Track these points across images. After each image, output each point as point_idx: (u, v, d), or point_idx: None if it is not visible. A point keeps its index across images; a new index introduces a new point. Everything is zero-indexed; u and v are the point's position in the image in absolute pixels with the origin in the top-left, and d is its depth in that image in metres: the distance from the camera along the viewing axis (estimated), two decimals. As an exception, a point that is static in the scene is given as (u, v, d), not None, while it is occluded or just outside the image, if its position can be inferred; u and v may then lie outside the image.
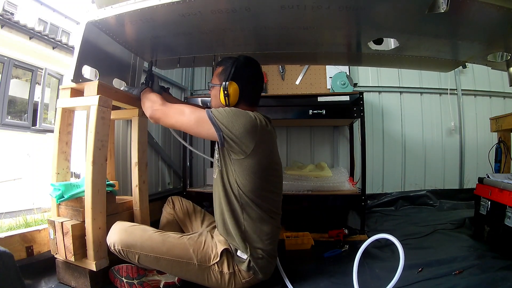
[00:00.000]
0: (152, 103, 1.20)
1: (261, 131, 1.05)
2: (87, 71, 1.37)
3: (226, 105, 1.14)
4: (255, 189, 1.07)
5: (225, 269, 1.06)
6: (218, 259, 1.05)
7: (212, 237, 1.14)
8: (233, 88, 1.12)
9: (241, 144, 1.03)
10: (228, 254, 1.07)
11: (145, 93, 1.30)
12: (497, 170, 1.90)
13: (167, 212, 1.47)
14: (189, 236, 1.10)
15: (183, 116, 1.10)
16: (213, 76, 1.21)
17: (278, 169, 1.17)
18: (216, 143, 1.11)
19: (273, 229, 1.12)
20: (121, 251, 1.03)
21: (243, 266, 1.06)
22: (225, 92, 1.12)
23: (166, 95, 1.42)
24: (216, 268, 1.05)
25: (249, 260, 1.06)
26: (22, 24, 4.73)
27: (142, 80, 1.45)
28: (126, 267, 1.12)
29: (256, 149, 1.03)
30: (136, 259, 1.03)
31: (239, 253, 1.07)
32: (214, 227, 1.25)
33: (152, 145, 2.08)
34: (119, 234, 1.04)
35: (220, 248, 1.07)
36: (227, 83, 1.12)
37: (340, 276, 1.23)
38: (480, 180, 1.65)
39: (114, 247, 1.04)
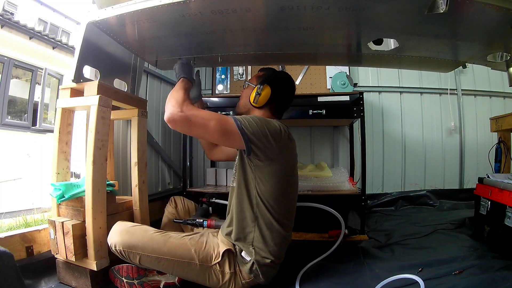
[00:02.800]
0: (174, 103, 1.01)
1: (285, 138, 1.07)
2: (88, 71, 1.37)
3: (253, 104, 1.19)
4: (274, 195, 1.07)
5: (226, 269, 1.06)
6: (219, 259, 1.05)
7: (214, 237, 1.14)
8: (266, 91, 1.18)
9: (267, 150, 1.03)
10: (230, 254, 1.08)
11: (178, 84, 1.14)
12: (497, 170, 1.90)
13: (169, 211, 1.48)
14: (190, 236, 1.10)
15: (209, 129, 0.99)
16: (252, 78, 1.28)
17: (296, 175, 1.20)
18: (239, 151, 1.11)
19: (283, 239, 1.11)
20: (122, 252, 1.03)
21: (245, 268, 1.07)
22: (258, 91, 1.17)
23: (199, 104, 1.41)
24: (218, 268, 1.05)
25: (253, 263, 1.06)
26: (22, 24, 4.74)
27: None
28: (126, 267, 1.13)
29: (280, 155, 1.06)
30: (137, 259, 1.03)
31: (243, 253, 1.08)
32: None
33: (152, 145, 2.09)
34: (120, 234, 1.04)
35: (222, 248, 1.07)
36: (263, 85, 1.18)
37: (341, 276, 1.23)
38: (480, 180, 1.65)
39: (115, 247, 1.04)
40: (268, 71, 1.26)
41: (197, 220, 1.29)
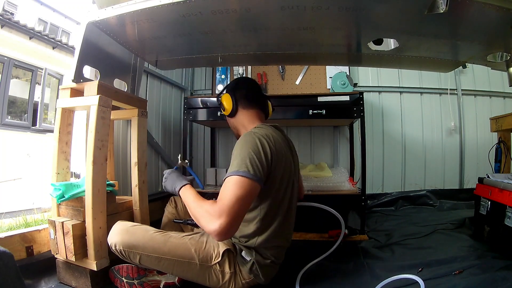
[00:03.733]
0: (204, 220, 0.92)
1: (271, 152, 1.00)
2: (88, 71, 1.37)
3: (230, 115, 1.21)
4: (273, 194, 1.05)
5: (226, 269, 1.06)
6: (219, 258, 1.05)
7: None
8: (226, 98, 1.20)
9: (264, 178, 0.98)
10: (230, 254, 1.08)
11: (184, 197, 1.04)
12: (497, 170, 1.90)
13: (169, 211, 1.48)
14: (190, 236, 1.10)
15: (245, 204, 0.92)
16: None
17: (293, 174, 1.16)
18: None
19: (283, 239, 1.11)
20: (123, 252, 1.03)
21: (245, 268, 1.07)
22: (221, 102, 1.21)
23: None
24: (218, 267, 1.05)
25: (253, 263, 1.06)
26: (22, 24, 4.73)
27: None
28: (126, 267, 1.13)
29: (272, 174, 1.01)
30: (138, 259, 1.03)
31: (243, 253, 1.08)
32: None
33: (152, 145, 2.09)
34: (121, 234, 1.04)
35: (222, 248, 1.07)
36: (220, 97, 1.22)
37: (341, 276, 1.23)
38: (480, 180, 1.65)
39: (115, 247, 1.04)
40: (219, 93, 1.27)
41: None
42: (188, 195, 1.02)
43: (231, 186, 0.91)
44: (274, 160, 1.01)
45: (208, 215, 0.90)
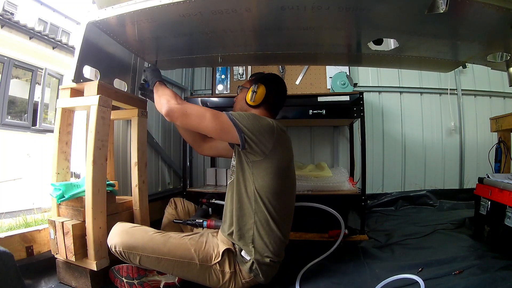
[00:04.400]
0: (168, 98, 1.10)
1: (278, 133, 1.09)
2: (88, 71, 1.37)
3: (250, 103, 1.22)
4: (272, 190, 1.07)
5: (226, 269, 1.06)
6: (219, 258, 1.05)
7: (214, 237, 1.14)
8: (262, 89, 1.22)
9: (261, 145, 1.05)
10: (230, 253, 1.08)
11: (158, 86, 1.20)
12: (497, 170, 1.90)
13: (168, 213, 1.48)
14: (190, 236, 1.10)
15: (205, 120, 1.06)
16: (245, 83, 1.31)
17: (293, 171, 1.21)
18: (235, 148, 1.14)
19: (281, 236, 1.11)
20: (122, 253, 1.03)
21: (245, 267, 1.07)
22: (254, 90, 1.21)
23: None
24: (218, 267, 1.05)
25: (252, 262, 1.06)
26: (22, 24, 4.73)
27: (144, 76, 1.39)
28: (126, 267, 1.13)
29: (275, 150, 1.07)
30: (138, 260, 1.03)
31: (243, 253, 1.08)
32: None
33: (152, 145, 2.09)
34: (120, 236, 1.04)
35: (222, 247, 1.07)
36: (257, 85, 1.22)
37: (341, 276, 1.23)
38: (480, 180, 1.65)
39: (115, 249, 1.04)
40: (260, 74, 1.31)
41: (196, 220, 1.29)
42: (162, 88, 1.19)
43: (210, 109, 1.08)
44: (275, 140, 1.07)
45: (174, 98, 1.09)
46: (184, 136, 1.53)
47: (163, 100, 1.10)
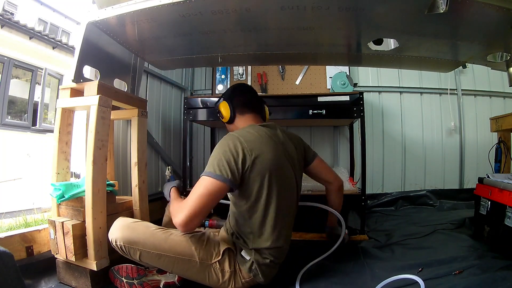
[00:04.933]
0: (175, 211, 1.03)
1: (243, 150, 1.02)
2: (88, 71, 1.37)
3: (228, 121, 1.24)
4: (262, 196, 1.05)
5: (226, 268, 1.06)
6: (220, 257, 1.05)
7: (215, 236, 1.14)
8: (223, 106, 1.24)
9: (238, 173, 1.01)
10: (230, 252, 1.08)
11: (171, 196, 1.21)
12: (497, 170, 1.90)
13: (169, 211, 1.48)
14: (191, 234, 1.10)
15: (206, 205, 0.99)
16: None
17: (287, 178, 1.14)
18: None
19: (282, 238, 1.10)
20: (123, 247, 1.03)
21: (245, 267, 1.07)
22: (219, 111, 1.25)
23: None
24: (218, 266, 1.05)
25: (252, 262, 1.06)
26: (22, 24, 4.73)
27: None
28: (126, 267, 1.13)
29: (252, 164, 1.02)
30: (138, 255, 1.03)
31: (243, 252, 1.08)
32: None
33: (152, 145, 2.09)
34: (122, 230, 1.04)
35: (223, 246, 1.07)
36: (218, 104, 1.26)
37: (341, 276, 1.23)
38: (480, 180, 1.65)
39: (116, 243, 1.03)
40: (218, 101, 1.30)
41: None
42: (172, 196, 1.20)
43: (197, 185, 1.01)
44: (250, 155, 1.02)
45: (175, 211, 1.02)
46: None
47: (173, 216, 1.02)
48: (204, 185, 0.99)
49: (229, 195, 1.13)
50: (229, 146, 1.03)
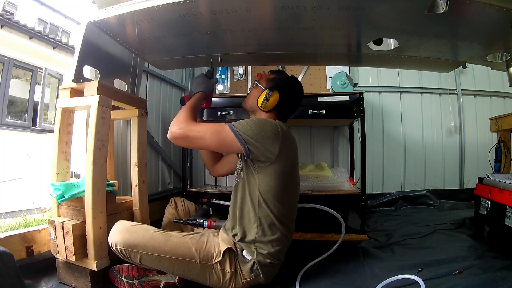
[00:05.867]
0: (175, 122, 1.08)
1: (283, 136, 1.07)
2: (88, 71, 1.37)
3: (260, 107, 1.21)
4: (276, 194, 1.08)
5: (227, 268, 1.06)
6: (220, 257, 1.05)
7: (215, 236, 1.14)
8: (274, 97, 1.20)
9: (266, 151, 1.04)
10: (231, 253, 1.08)
11: (192, 99, 1.23)
12: (497, 170, 1.90)
13: (169, 212, 1.48)
14: (191, 235, 1.10)
15: (206, 139, 1.05)
16: (262, 77, 1.29)
17: (297, 174, 1.21)
18: (240, 155, 1.13)
19: (284, 239, 1.12)
20: (123, 251, 1.03)
21: (246, 267, 1.07)
22: (267, 97, 1.19)
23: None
24: (218, 266, 1.05)
25: (254, 263, 1.06)
26: (22, 24, 4.74)
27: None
28: (126, 267, 1.13)
29: (281, 154, 1.06)
30: (138, 258, 1.03)
31: (244, 253, 1.08)
32: None
33: (152, 145, 2.09)
34: (121, 234, 1.04)
35: (223, 247, 1.07)
36: (272, 91, 1.20)
37: (341, 276, 1.23)
38: (480, 180, 1.65)
39: (116, 247, 1.04)
40: (280, 75, 1.27)
41: (197, 220, 1.29)
42: (191, 101, 1.21)
43: (213, 123, 1.08)
44: (281, 147, 1.05)
45: (179, 119, 1.07)
46: (202, 156, 1.54)
47: (172, 123, 1.08)
48: (217, 126, 1.05)
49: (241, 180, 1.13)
50: (267, 124, 1.07)
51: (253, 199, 1.08)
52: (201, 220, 1.28)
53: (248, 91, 1.32)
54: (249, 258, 1.07)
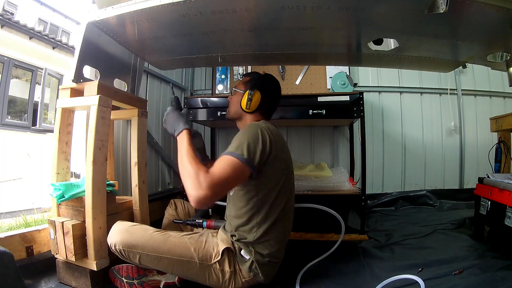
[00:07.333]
0: (192, 182, 0.93)
1: (270, 136, 1.05)
2: (88, 71, 1.37)
3: (245, 109, 1.20)
4: (272, 194, 1.07)
5: (226, 268, 1.06)
6: (219, 257, 1.05)
7: (213, 236, 1.14)
8: (257, 96, 1.20)
9: (262, 160, 1.02)
10: (229, 252, 1.08)
11: (180, 143, 1.05)
12: (497, 170, 1.90)
13: (169, 213, 1.48)
14: (190, 235, 1.10)
15: (230, 184, 0.99)
16: (238, 84, 1.28)
17: (291, 174, 1.21)
18: None
19: (282, 237, 1.12)
20: (122, 252, 1.03)
21: (245, 267, 1.07)
22: (249, 97, 1.19)
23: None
24: (217, 266, 1.05)
25: (252, 262, 1.06)
26: (22, 24, 4.73)
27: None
28: (126, 267, 1.13)
29: (274, 155, 1.05)
30: (137, 259, 1.03)
31: (242, 252, 1.08)
32: None
33: (152, 145, 2.09)
34: (120, 234, 1.04)
35: (222, 246, 1.07)
36: (253, 90, 1.19)
37: (341, 276, 1.23)
38: (480, 180, 1.65)
39: (115, 247, 1.04)
40: (254, 75, 1.28)
41: (196, 220, 1.29)
42: (184, 145, 1.03)
43: (224, 165, 0.97)
44: (274, 150, 1.04)
45: (197, 181, 0.92)
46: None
47: (186, 184, 0.94)
48: (233, 167, 0.96)
49: (237, 187, 1.10)
50: (259, 134, 1.04)
51: (249, 200, 1.08)
52: (201, 221, 1.28)
53: (228, 101, 1.31)
54: (247, 257, 1.07)
